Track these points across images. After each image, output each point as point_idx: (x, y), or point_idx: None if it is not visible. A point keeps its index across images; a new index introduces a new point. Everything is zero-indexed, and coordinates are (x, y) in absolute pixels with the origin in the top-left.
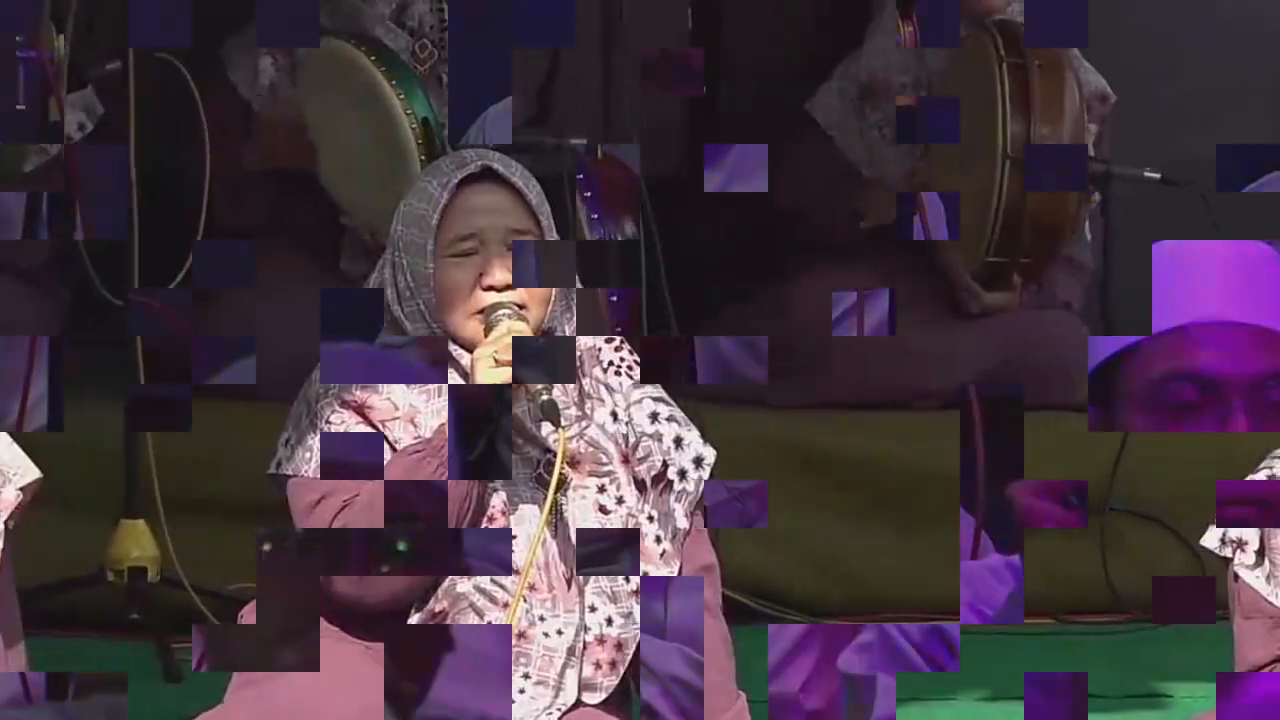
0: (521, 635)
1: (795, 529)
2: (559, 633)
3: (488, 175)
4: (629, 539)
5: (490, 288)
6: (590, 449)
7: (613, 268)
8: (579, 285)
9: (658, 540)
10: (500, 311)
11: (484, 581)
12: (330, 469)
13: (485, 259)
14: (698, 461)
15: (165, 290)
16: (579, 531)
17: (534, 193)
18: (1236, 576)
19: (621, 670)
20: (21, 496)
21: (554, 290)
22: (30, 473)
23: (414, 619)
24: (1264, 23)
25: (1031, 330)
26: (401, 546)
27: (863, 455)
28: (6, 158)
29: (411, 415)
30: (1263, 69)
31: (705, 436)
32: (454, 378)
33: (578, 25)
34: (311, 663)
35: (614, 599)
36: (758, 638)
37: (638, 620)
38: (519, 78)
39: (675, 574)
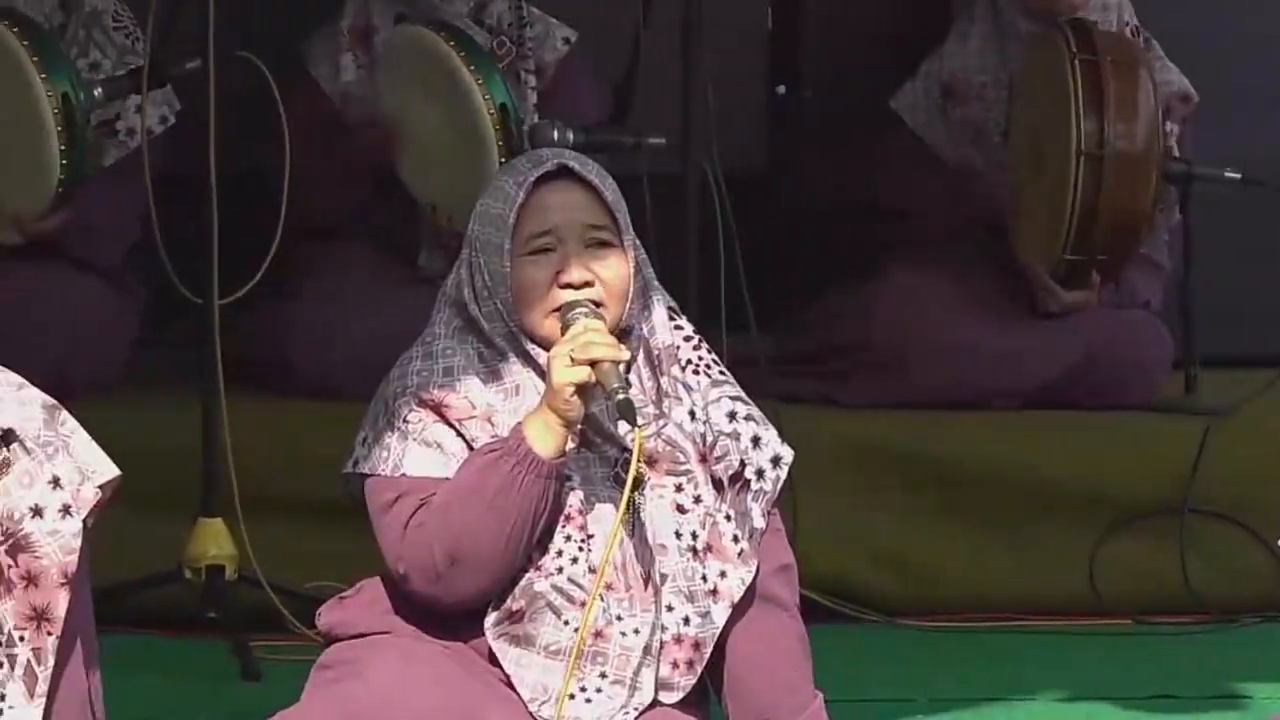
0: (599, 634)
1: (873, 529)
2: (635, 632)
3: (564, 173)
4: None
5: (567, 285)
6: (667, 448)
7: (691, 265)
8: (656, 284)
9: (735, 539)
10: (577, 310)
11: (561, 580)
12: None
13: (562, 256)
14: (775, 461)
15: None
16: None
17: (610, 190)
18: None
19: (699, 670)
20: (100, 494)
21: (631, 288)
22: (109, 471)
23: (490, 618)
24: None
25: (1111, 329)
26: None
27: (941, 455)
28: (90, 151)
29: (489, 414)
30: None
31: (782, 436)
32: (532, 377)
33: (658, 22)
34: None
35: (691, 598)
36: (834, 637)
37: (715, 620)
38: (598, 76)
39: (752, 573)
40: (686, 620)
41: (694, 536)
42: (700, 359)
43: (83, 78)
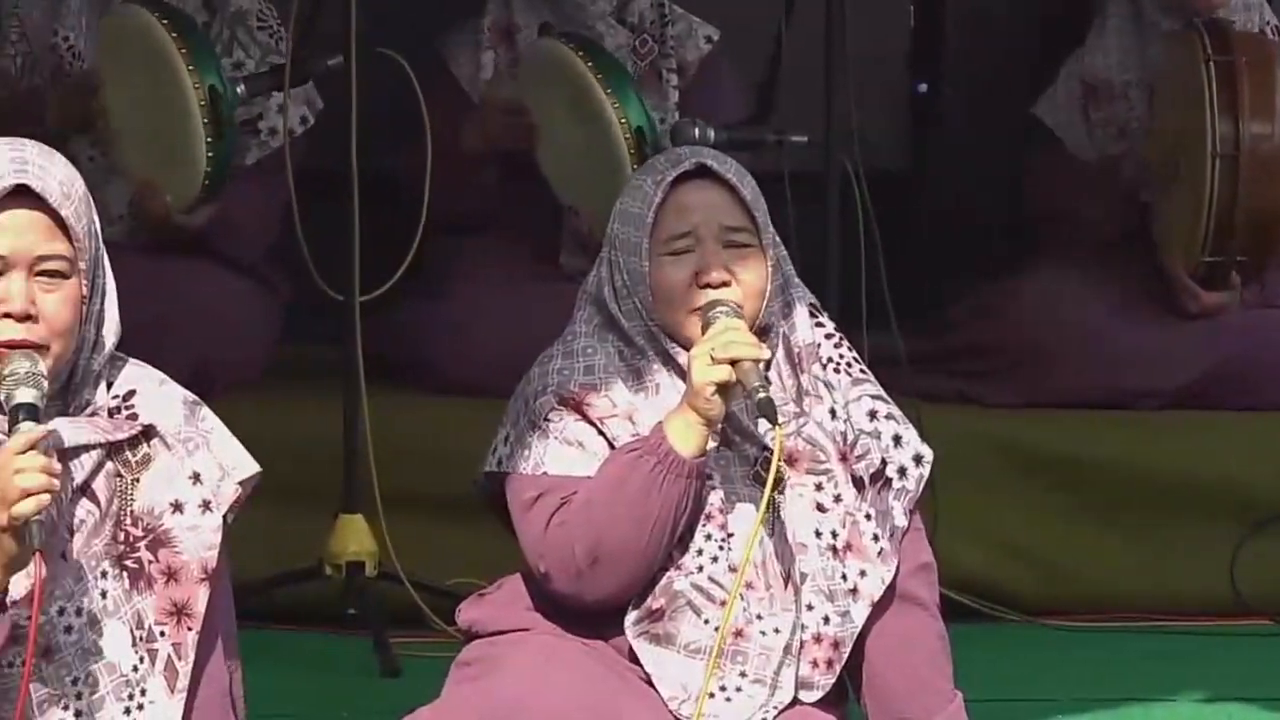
0: (739, 634)
1: (1013, 528)
2: (776, 631)
3: (702, 172)
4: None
5: (707, 285)
6: (808, 446)
7: (832, 264)
8: (797, 281)
9: (875, 538)
10: (717, 309)
11: (702, 579)
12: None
13: (701, 256)
14: (917, 459)
15: None
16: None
17: (749, 189)
18: None
19: (838, 669)
20: (240, 491)
21: (769, 288)
22: (249, 467)
23: (631, 616)
24: None
25: (1253, 330)
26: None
27: (1081, 455)
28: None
29: (630, 413)
30: None
31: (922, 435)
32: (672, 376)
33: (801, 21)
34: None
35: (831, 597)
36: (975, 637)
37: (855, 619)
38: (741, 74)
39: (892, 572)
40: (826, 619)
41: (834, 535)
42: (841, 357)
43: (226, 74)
